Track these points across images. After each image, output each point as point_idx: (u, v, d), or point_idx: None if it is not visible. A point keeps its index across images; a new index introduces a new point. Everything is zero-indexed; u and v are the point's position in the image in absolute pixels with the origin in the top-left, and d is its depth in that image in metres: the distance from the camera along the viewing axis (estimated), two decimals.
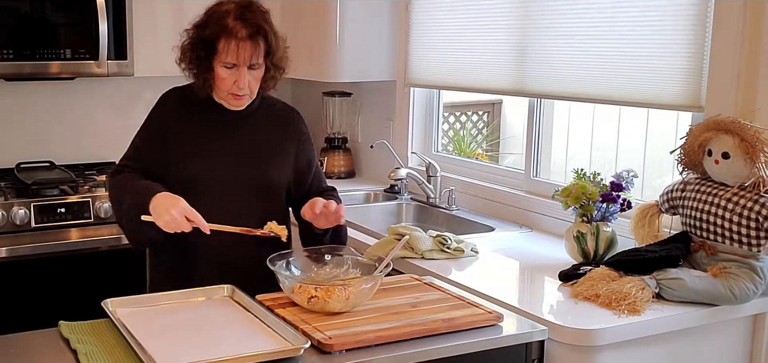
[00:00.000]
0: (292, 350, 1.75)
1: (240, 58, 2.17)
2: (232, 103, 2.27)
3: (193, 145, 2.27)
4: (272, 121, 2.36)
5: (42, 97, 3.80)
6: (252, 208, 2.26)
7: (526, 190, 3.15)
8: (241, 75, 2.19)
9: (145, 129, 2.35)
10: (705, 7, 2.43)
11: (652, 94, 2.59)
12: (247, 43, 2.16)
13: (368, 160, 4.02)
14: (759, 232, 2.18)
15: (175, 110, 2.32)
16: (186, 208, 2.08)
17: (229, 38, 2.15)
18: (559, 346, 2.05)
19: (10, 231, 3.18)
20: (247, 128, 2.31)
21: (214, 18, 2.19)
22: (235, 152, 2.29)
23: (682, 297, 2.19)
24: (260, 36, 2.18)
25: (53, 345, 1.85)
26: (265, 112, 2.36)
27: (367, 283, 1.99)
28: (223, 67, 2.19)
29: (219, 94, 2.27)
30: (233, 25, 2.16)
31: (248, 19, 2.17)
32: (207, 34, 2.18)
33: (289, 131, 2.38)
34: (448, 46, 3.43)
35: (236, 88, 2.21)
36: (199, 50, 2.20)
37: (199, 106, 2.30)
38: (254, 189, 2.28)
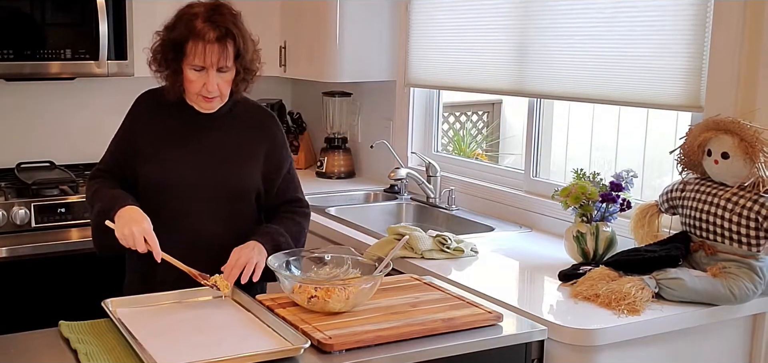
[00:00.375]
0: (292, 350, 1.75)
1: (207, 60, 2.14)
2: (202, 106, 2.25)
3: (163, 148, 2.26)
4: (244, 124, 2.32)
5: (42, 97, 3.80)
6: (221, 212, 2.25)
7: (525, 190, 3.15)
8: (209, 78, 2.16)
9: (119, 133, 2.35)
10: (705, 7, 2.43)
11: (652, 94, 2.59)
12: (214, 45, 2.13)
13: (368, 160, 4.02)
14: (758, 232, 2.18)
15: (148, 113, 2.31)
16: (147, 230, 2.07)
17: (197, 41, 2.13)
18: (559, 346, 2.05)
19: (10, 231, 3.18)
20: (218, 131, 2.29)
21: (183, 20, 2.16)
22: (205, 155, 2.26)
23: (682, 297, 2.19)
24: (229, 39, 2.15)
25: (53, 345, 1.85)
26: (238, 114, 2.32)
27: (367, 283, 1.99)
28: (191, 70, 2.16)
29: (189, 97, 2.25)
30: (201, 28, 2.13)
31: (217, 22, 2.14)
32: (175, 36, 2.16)
33: (260, 134, 2.33)
34: (448, 46, 3.43)
35: (205, 90, 2.18)
36: (168, 52, 2.18)
37: (171, 109, 2.27)
38: (223, 193, 2.26)
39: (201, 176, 2.25)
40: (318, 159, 4.14)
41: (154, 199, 2.20)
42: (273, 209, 2.37)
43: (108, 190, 2.22)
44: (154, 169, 2.25)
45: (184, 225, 2.22)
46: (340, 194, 3.68)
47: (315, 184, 3.87)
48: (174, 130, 2.27)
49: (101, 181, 2.28)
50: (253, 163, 2.31)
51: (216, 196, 2.25)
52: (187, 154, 2.26)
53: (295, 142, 4.26)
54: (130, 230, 2.06)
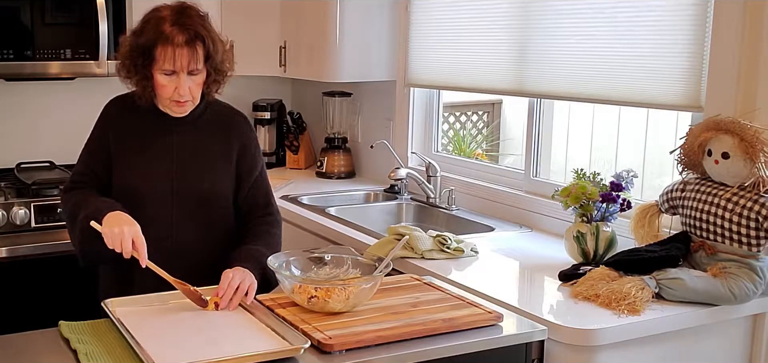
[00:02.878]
0: (292, 350, 1.75)
1: (177, 64, 2.11)
2: (174, 110, 2.22)
3: (134, 154, 2.23)
4: (216, 127, 2.30)
5: (42, 97, 3.80)
6: (196, 218, 2.23)
7: (526, 190, 3.15)
8: (180, 81, 2.13)
9: (90, 142, 2.31)
10: (705, 7, 2.43)
11: (652, 94, 2.59)
12: (184, 49, 2.10)
13: (368, 160, 4.02)
14: (759, 232, 2.18)
15: (118, 119, 2.27)
16: (136, 233, 2.03)
17: (166, 45, 2.10)
18: (559, 346, 2.05)
19: (10, 231, 3.18)
20: (190, 135, 2.26)
21: (150, 25, 2.13)
22: (176, 161, 2.24)
23: (682, 297, 2.19)
24: (198, 41, 2.12)
25: (53, 345, 1.85)
26: (210, 117, 2.30)
27: (367, 283, 1.99)
28: (162, 75, 2.13)
29: (161, 102, 2.21)
30: (170, 32, 2.10)
31: (185, 25, 2.11)
32: (143, 41, 2.12)
33: (233, 137, 2.30)
34: (447, 47, 3.43)
35: (177, 95, 2.15)
36: (136, 58, 2.14)
37: (141, 115, 2.24)
38: (196, 199, 2.23)
39: (174, 182, 2.22)
40: (318, 159, 4.14)
41: (128, 206, 2.14)
42: (244, 214, 2.32)
43: (94, 198, 2.18)
44: (127, 176, 2.22)
45: (159, 232, 2.17)
46: (340, 194, 3.68)
47: (315, 184, 3.87)
48: (145, 135, 2.24)
49: (80, 192, 2.23)
50: (226, 167, 2.28)
51: (190, 201, 2.22)
52: (160, 160, 2.23)
53: (296, 142, 4.26)
54: (121, 229, 2.02)
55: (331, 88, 4.03)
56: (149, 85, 2.17)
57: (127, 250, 2.02)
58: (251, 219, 2.31)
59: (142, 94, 2.20)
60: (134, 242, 2.02)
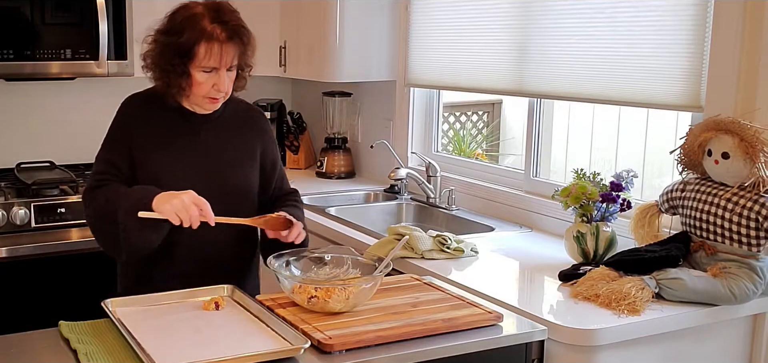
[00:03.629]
0: (292, 350, 1.75)
1: (223, 61, 2.12)
2: (207, 108, 2.22)
3: (159, 152, 2.22)
4: (237, 122, 2.31)
5: (42, 97, 3.80)
6: (222, 213, 2.19)
7: (526, 190, 3.15)
8: (220, 78, 2.14)
9: (111, 139, 2.26)
10: (705, 7, 2.43)
11: (652, 94, 2.59)
12: (228, 45, 2.12)
13: (368, 160, 4.02)
14: (759, 232, 2.18)
15: (139, 116, 2.25)
16: (195, 197, 2.03)
17: (211, 42, 2.10)
18: (559, 346, 2.05)
19: (10, 231, 3.18)
20: (214, 132, 2.27)
21: (189, 23, 2.12)
22: (204, 157, 2.24)
23: (682, 297, 2.19)
24: (238, 37, 2.14)
25: (53, 345, 1.85)
26: (230, 114, 2.31)
27: (367, 283, 1.99)
28: (201, 72, 2.13)
29: (193, 100, 2.20)
30: (212, 29, 2.10)
31: (226, 21, 2.12)
32: (184, 40, 2.11)
33: (254, 131, 2.33)
34: (448, 46, 3.43)
35: (215, 91, 2.16)
36: (173, 57, 2.13)
37: (163, 112, 2.24)
38: (224, 193, 2.23)
39: (201, 178, 2.22)
40: (318, 159, 4.14)
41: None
42: (272, 202, 2.36)
43: (126, 190, 2.14)
44: (153, 174, 2.20)
45: (187, 229, 2.15)
46: (340, 194, 3.68)
47: (315, 184, 3.87)
48: (170, 133, 2.24)
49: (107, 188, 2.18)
50: (251, 162, 2.31)
51: (217, 197, 2.20)
52: (187, 157, 2.24)
53: (296, 142, 4.26)
54: (181, 200, 2.01)
55: (331, 88, 4.03)
56: (185, 83, 2.15)
57: (195, 216, 2.03)
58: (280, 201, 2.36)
59: (176, 92, 2.18)
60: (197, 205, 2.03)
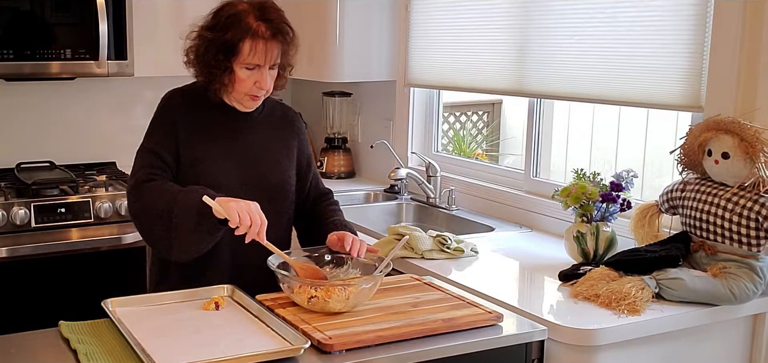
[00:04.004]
0: (292, 350, 1.75)
1: (267, 58, 2.15)
2: (248, 105, 2.24)
3: (202, 147, 2.23)
4: (275, 121, 2.35)
5: (42, 97, 3.80)
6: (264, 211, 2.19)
7: (526, 190, 3.15)
8: (262, 75, 2.17)
9: (156, 133, 2.24)
10: (705, 7, 2.43)
11: (652, 94, 2.59)
12: (273, 43, 2.15)
13: (368, 160, 4.02)
14: (759, 232, 2.18)
15: (182, 111, 2.26)
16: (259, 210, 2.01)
17: (256, 39, 2.12)
18: (559, 346, 2.05)
19: (10, 231, 3.18)
20: (253, 129, 2.29)
21: (234, 20, 2.14)
22: (244, 154, 2.27)
23: (682, 297, 2.19)
24: (282, 35, 2.18)
25: (53, 345, 1.85)
26: (269, 112, 2.35)
27: (367, 283, 1.99)
28: (243, 69, 2.15)
29: (235, 96, 2.23)
30: (257, 27, 2.13)
31: (271, 19, 2.15)
32: (229, 37, 2.13)
33: (291, 131, 2.37)
34: (447, 46, 3.43)
35: (256, 88, 2.18)
36: (217, 53, 2.15)
37: (205, 108, 2.26)
38: (265, 190, 2.25)
39: (243, 175, 2.24)
40: (318, 159, 4.14)
41: None
42: (308, 204, 2.39)
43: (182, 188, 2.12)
44: (194, 169, 2.21)
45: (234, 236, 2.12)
46: (340, 194, 3.65)
47: None
48: (213, 129, 2.25)
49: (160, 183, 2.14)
50: (289, 161, 2.34)
51: (259, 195, 2.20)
52: (229, 153, 2.25)
53: None
54: (248, 203, 2.00)
55: (331, 88, 4.03)
56: (228, 80, 2.17)
57: (257, 223, 2.00)
58: (321, 205, 2.40)
59: (219, 89, 2.20)
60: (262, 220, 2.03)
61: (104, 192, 3.39)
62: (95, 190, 3.42)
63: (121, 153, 3.98)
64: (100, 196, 3.34)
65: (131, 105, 4.00)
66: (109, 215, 3.32)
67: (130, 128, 4.02)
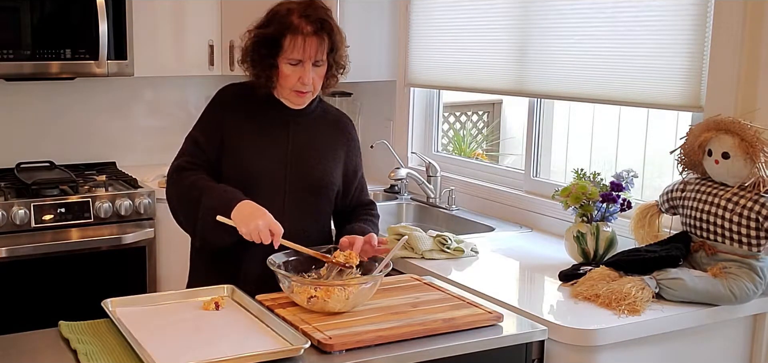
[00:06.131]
0: (292, 350, 1.75)
1: (306, 53, 2.19)
2: (294, 101, 2.29)
3: (249, 140, 2.28)
4: (326, 123, 2.38)
5: (42, 97, 3.80)
6: (305, 206, 2.29)
7: (526, 190, 3.15)
8: (305, 71, 2.21)
9: (203, 123, 2.34)
10: (705, 7, 2.43)
11: (652, 94, 2.59)
12: (313, 38, 2.19)
13: (368, 160, 3.99)
14: (759, 232, 2.18)
15: (233, 105, 2.32)
16: (271, 221, 2.08)
17: (296, 34, 2.18)
18: (559, 346, 2.05)
19: (10, 231, 3.18)
20: (303, 127, 2.33)
21: (278, 16, 2.22)
22: (289, 151, 2.30)
23: (682, 297, 2.19)
24: (325, 32, 2.21)
25: (53, 345, 1.85)
26: (321, 114, 2.38)
27: (367, 283, 1.99)
28: (287, 64, 2.21)
29: (282, 93, 2.28)
30: (298, 22, 2.19)
31: (312, 16, 2.20)
32: (271, 32, 2.20)
33: (342, 136, 2.40)
34: (448, 46, 3.43)
35: (300, 84, 2.23)
36: (262, 49, 2.22)
37: (256, 103, 2.30)
38: (307, 187, 2.30)
39: (287, 170, 2.28)
40: None
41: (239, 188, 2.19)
42: (349, 211, 2.42)
43: (212, 185, 2.20)
44: (241, 161, 2.27)
45: None
46: None
47: None
48: (261, 123, 2.30)
49: (197, 176, 2.24)
50: (336, 162, 2.36)
51: (301, 190, 2.29)
52: (273, 149, 2.29)
53: None
54: (256, 225, 2.06)
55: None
56: (272, 75, 2.23)
57: (267, 239, 2.08)
58: (358, 213, 2.42)
59: (264, 83, 2.26)
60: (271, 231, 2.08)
61: (104, 192, 3.39)
62: (95, 190, 3.43)
63: (121, 153, 3.98)
64: (100, 196, 3.34)
65: (131, 105, 4.00)
66: (109, 215, 3.32)
67: (130, 128, 4.02)
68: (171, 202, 2.30)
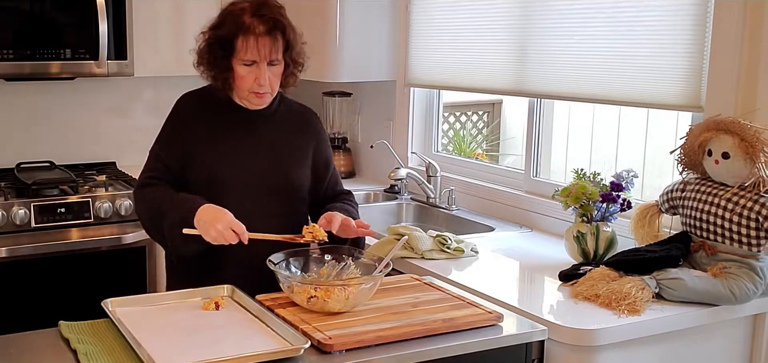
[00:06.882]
0: (292, 350, 1.75)
1: (260, 54, 2.16)
2: (253, 102, 2.26)
3: (212, 147, 2.25)
4: (291, 121, 2.35)
5: (42, 97, 3.80)
6: (276, 209, 2.26)
7: (526, 190, 3.15)
8: (261, 71, 2.18)
9: (163, 136, 2.31)
10: (705, 7, 2.43)
11: (652, 94, 2.59)
12: (266, 38, 2.16)
13: (368, 160, 4.02)
14: (759, 232, 2.18)
15: (193, 113, 2.30)
16: (232, 221, 2.07)
17: (248, 35, 2.15)
18: (559, 346, 2.05)
19: (10, 231, 3.18)
20: (267, 128, 2.30)
21: (230, 17, 2.18)
22: (256, 153, 2.27)
23: (682, 297, 2.19)
24: (278, 31, 2.18)
25: (53, 345, 1.85)
26: (284, 112, 2.35)
27: (367, 283, 1.99)
28: (242, 66, 2.18)
29: (240, 94, 2.25)
30: (250, 22, 2.15)
31: (265, 15, 2.17)
32: (224, 33, 2.17)
33: (307, 132, 2.37)
34: (448, 46, 3.43)
35: (257, 85, 2.20)
36: (217, 50, 2.19)
37: (217, 108, 2.28)
38: (275, 190, 2.27)
39: (254, 174, 2.25)
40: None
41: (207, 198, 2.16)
42: (325, 202, 2.38)
43: (173, 196, 2.19)
44: (206, 169, 2.24)
45: None
46: None
47: None
48: (222, 129, 2.27)
49: (160, 189, 2.23)
50: (303, 160, 2.34)
51: (271, 193, 2.26)
52: (239, 152, 2.26)
53: None
54: (217, 229, 2.05)
55: (331, 88, 4.03)
56: (229, 77, 2.20)
57: (233, 239, 2.07)
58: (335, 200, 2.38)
59: (221, 87, 2.23)
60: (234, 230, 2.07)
61: (104, 192, 3.39)
62: (95, 190, 3.43)
63: (120, 153, 3.98)
64: (99, 196, 3.34)
65: (131, 105, 4.00)
66: (108, 215, 3.32)
67: (130, 128, 4.02)
68: (141, 221, 2.29)
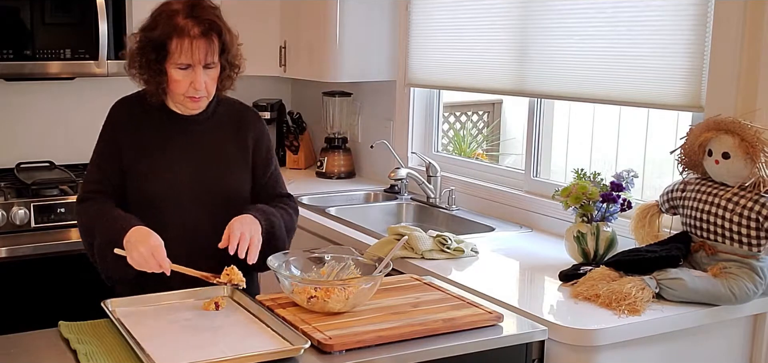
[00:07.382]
0: (292, 350, 1.75)
1: (194, 57, 2.05)
2: (189, 107, 2.16)
3: (148, 157, 2.16)
4: (229, 123, 2.25)
5: (42, 97, 3.80)
6: (217, 220, 2.13)
7: (526, 190, 3.15)
8: (196, 75, 2.08)
9: (100, 147, 2.21)
10: (705, 7, 2.43)
11: (652, 94, 2.59)
12: (201, 41, 2.05)
13: (368, 160, 4.02)
14: (759, 232, 2.18)
15: (127, 122, 2.19)
16: (155, 246, 1.96)
17: (182, 37, 2.04)
18: (559, 346, 2.05)
19: (10, 231, 3.18)
20: (204, 134, 2.21)
21: (163, 18, 2.07)
22: (191, 162, 2.18)
23: (682, 297, 2.19)
24: (213, 32, 2.07)
25: (53, 345, 1.85)
26: (222, 114, 2.25)
27: (367, 283, 1.99)
28: (176, 69, 2.07)
29: (175, 99, 2.16)
30: (185, 24, 2.05)
31: (200, 16, 2.06)
32: (157, 36, 2.06)
33: (248, 131, 2.27)
34: (448, 46, 3.43)
35: (192, 90, 2.10)
36: (149, 53, 2.07)
37: (151, 115, 2.18)
38: (216, 199, 2.18)
39: (193, 182, 2.17)
40: (318, 159, 4.14)
41: (146, 212, 2.10)
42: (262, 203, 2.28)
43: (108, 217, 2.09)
44: (143, 181, 2.15)
45: (178, 234, 2.11)
46: (340, 194, 3.68)
47: (315, 184, 3.87)
48: (158, 136, 2.18)
49: (97, 206, 2.14)
50: (244, 164, 2.25)
51: (211, 203, 2.17)
52: (176, 161, 2.17)
53: (295, 142, 4.26)
54: (139, 251, 1.96)
55: (331, 88, 4.03)
56: (162, 82, 2.11)
57: (154, 267, 1.98)
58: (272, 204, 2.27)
59: (154, 91, 2.13)
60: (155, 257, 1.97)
61: None
62: None
63: None
64: None
65: None
66: None
67: None
68: (80, 235, 2.20)
